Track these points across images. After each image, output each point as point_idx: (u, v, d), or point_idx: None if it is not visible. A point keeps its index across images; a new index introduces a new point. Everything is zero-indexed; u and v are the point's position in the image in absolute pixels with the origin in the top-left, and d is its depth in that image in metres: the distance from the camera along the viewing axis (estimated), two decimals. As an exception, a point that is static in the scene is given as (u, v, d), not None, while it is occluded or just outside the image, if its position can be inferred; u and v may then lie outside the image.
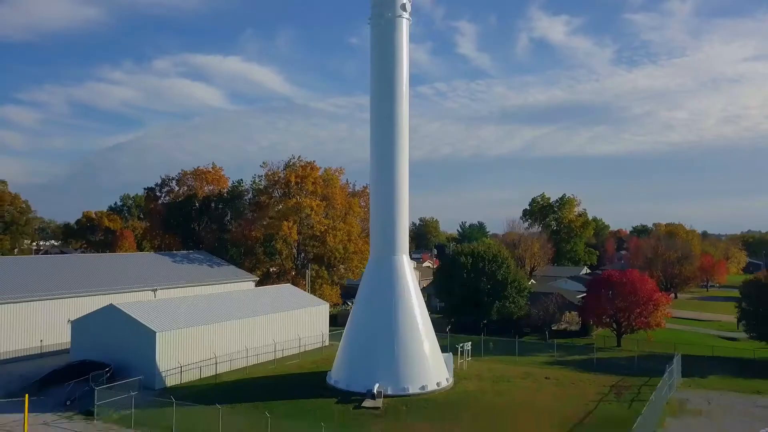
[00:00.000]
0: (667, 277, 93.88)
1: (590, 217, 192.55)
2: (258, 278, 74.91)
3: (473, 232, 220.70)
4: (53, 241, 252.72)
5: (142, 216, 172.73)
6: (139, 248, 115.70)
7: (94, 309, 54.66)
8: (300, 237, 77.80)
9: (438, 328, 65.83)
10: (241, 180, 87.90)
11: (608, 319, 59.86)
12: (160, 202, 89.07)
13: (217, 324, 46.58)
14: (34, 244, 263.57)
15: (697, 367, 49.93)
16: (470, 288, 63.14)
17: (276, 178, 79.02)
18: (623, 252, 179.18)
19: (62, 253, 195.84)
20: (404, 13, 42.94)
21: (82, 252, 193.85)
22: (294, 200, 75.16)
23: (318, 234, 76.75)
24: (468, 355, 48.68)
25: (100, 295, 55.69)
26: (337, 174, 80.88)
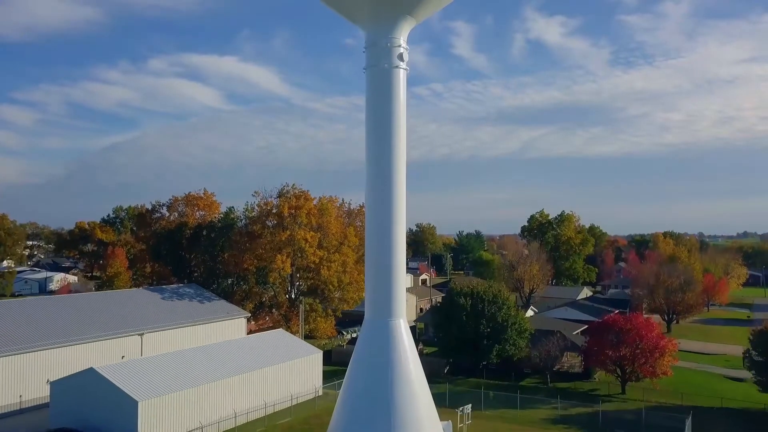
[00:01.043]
0: (669, 306, 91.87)
1: (587, 225, 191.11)
2: (250, 314, 72.66)
3: (471, 242, 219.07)
4: (50, 245, 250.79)
5: (134, 227, 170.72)
6: (131, 267, 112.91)
7: (78, 359, 52.72)
8: (293, 268, 75.65)
9: (435, 368, 64.09)
10: (233, 207, 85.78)
11: (612, 366, 57.72)
12: (151, 228, 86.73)
13: (205, 385, 44.26)
14: (27, 250, 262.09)
15: (707, 425, 47.83)
16: (469, 331, 60.97)
17: (269, 208, 76.77)
18: (622, 264, 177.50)
19: (54, 263, 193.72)
20: (401, 63, 40.45)
21: (75, 262, 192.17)
22: (288, 232, 72.84)
23: (312, 266, 74.56)
24: (468, 417, 46.40)
25: (84, 343, 53.34)
26: (331, 203, 78.67)
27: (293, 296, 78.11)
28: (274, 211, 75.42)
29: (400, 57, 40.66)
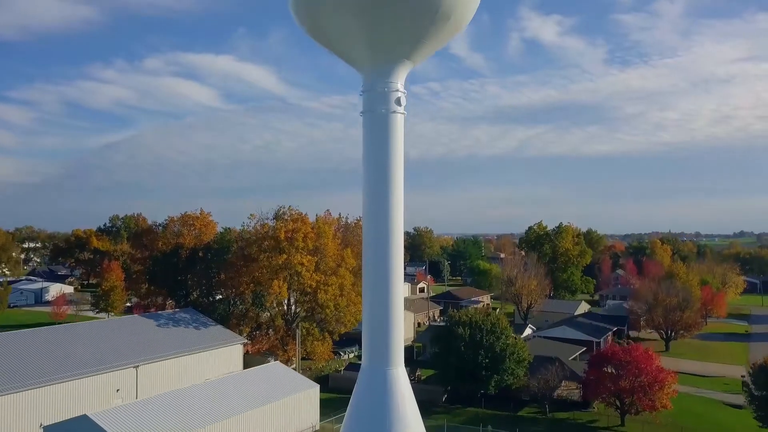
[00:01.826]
0: (668, 324, 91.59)
1: (584, 229, 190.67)
2: (246, 340, 72.18)
3: (469, 248, 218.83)
4: (46, 250, 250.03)
5: (130, 239, 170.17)
6: (128, 287, 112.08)
7: (73, 395, 52.30)
8: (290, 292, 75.24)
9: (433, 396, 63.75)
10: (229, 228, 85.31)
11: (611, 398, 57.38)
12: (147, 249, 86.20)
13: (201, 429, 43.78)
14: (23, 254, 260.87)
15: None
16: (468, 361, 60.58)
17: (265, 230, 76.28)
18: (620, 272, 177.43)
19: (50, 271, 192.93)
20: (399, 107, 39.75)
21: (71, 269, 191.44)
22: (284, 256, 72.32)
23: (309, 290, 74.12)
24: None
25: (79, 379, 52.77)
26: (328, 226, 78.10)
27: (290, 318, 77.72)
28: (270, 234, 74.89)
29: (398, 102, 39.93)
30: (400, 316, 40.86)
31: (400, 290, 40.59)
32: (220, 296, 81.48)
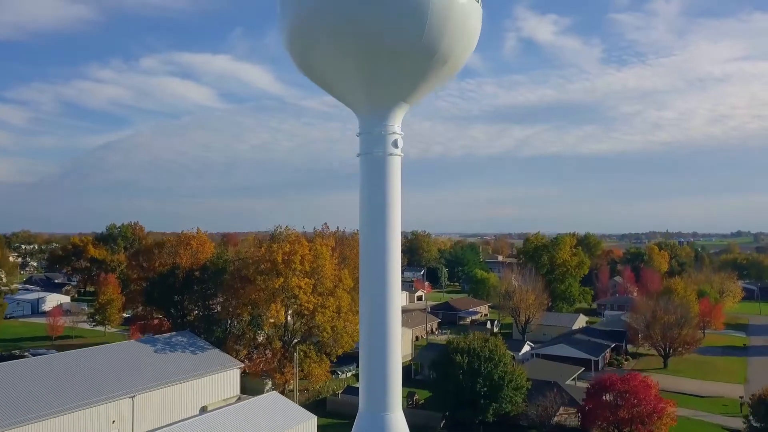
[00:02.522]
0: (666, 341, 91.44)
1: (582, 232, 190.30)
2: (243, 363, 71.86)
3: (466, 254, 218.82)
4: (43, 254, 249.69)
5: (128, 246, 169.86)
6: (123, 289, 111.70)
7: (69, 429, 51.92)
8: (287, 313, 74.91)
9: (431, 421, 63.57)
10: (226, 236, 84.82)
11: (610, 427, 57.20)
12: (143, 269, 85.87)
13: (197, 470, 43.57)
14: (20, 258, 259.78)
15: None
16: (466, 389, 60.33)
17: (262, 253, 75.93)
18: (617, 279, 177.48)
19: (48, 279, 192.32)
20: (396, 149, 39.41)
21: (68, 277, 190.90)
22: (281, 279, 71.97)
23: (306, 312, 73.80)
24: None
25: (72, 412, 52.30)
26: (325, 247, 77.66)
27: (287, 339, 77.36)
28: (267, 257, 74.48)
29: (395, 144, 39.52)
30: (398, 362, 40.42)
31: (398, 336, 40.19)
32: (216, 311, 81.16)
